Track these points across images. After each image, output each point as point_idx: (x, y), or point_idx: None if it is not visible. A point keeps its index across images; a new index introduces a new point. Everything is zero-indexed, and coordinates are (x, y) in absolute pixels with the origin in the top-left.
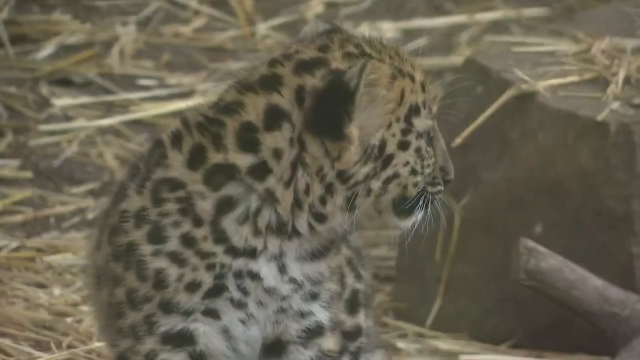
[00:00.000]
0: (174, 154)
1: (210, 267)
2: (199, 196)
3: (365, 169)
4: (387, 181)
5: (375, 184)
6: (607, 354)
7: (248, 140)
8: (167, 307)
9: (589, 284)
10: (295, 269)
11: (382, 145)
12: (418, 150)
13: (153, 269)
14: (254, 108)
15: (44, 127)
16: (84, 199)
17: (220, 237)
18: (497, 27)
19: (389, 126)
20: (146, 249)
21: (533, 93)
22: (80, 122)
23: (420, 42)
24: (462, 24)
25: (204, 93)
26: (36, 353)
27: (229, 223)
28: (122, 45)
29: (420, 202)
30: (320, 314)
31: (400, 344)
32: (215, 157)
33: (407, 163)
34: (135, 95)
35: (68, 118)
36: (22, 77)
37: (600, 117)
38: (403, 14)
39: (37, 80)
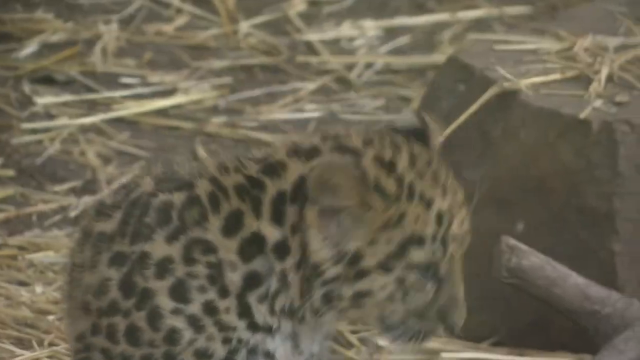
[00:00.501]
0: (214, 217)
1: (226, 340)
2: (229, 266)
3: (335, 270)
4: (360, 295)
5: (347, 292)
6: (589, 352)
7: (279, 211)
8: None
9: (571, 282)
10: (308, 347)
11: (357, 256)
12: (401, 281)
13: (169, 325)
14: (292, 175)
15: (27, 126)
16: (66, 197)
17: (245, 311)
18: (479, 25)
19: (372, 242)
20: (166, 303)
21: (515, 91)
22: (62, 121)
23: (403, 40)
24: (445, 22)
25: (186, 91)
26: (18, 351)
27: (253, 299)
28: (104, 44)
29: (401, 330)
30: None
31: (382, 342)
32: (253, 225)
33: (385, 287)
34: (118, 93)
35: (50, 116)
36: (4, 76)
37: (582, 115)
38: (385, 12)
39: (19, 79)
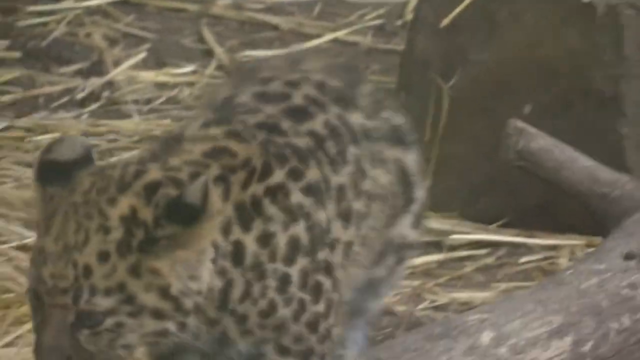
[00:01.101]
0: None
1: None
2: None
3: None
4: None
5: None
6: (598, 234)
7: None
8: None
9: (579, 165)
10: None
11: None
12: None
13: None
14: None
15: (32, 8)
16: (73, 79)
17: None
18: None
19: None
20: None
21: None
22: (68, 3)
23: None
24: None
25: None
26: (26, 232)
27: None
28: None
29: None
30: None
31: None
32: None
33: None
34: None
35: None
36: None
37: None
38: None
39: None
